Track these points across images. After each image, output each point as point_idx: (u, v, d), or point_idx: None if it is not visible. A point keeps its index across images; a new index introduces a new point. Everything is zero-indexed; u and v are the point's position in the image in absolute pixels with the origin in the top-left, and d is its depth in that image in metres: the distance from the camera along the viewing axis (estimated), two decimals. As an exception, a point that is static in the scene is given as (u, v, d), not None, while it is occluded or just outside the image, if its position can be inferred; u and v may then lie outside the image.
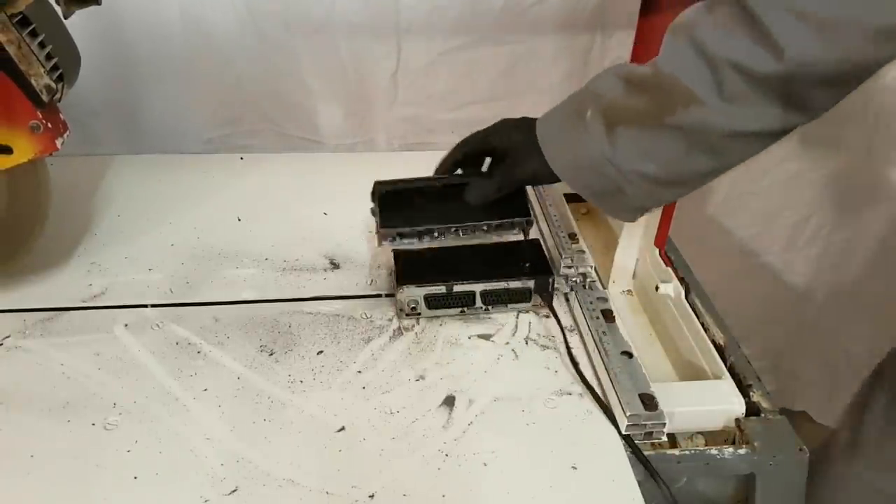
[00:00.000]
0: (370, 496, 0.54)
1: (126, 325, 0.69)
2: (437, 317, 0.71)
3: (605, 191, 0.61)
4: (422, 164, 0.73)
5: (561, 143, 0.63)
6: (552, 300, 0.72)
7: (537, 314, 0.72)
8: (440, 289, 0.70)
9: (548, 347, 0.68)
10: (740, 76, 0.50)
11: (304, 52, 0.99)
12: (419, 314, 0.71)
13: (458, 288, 0.70)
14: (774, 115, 0.52)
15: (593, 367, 0.66)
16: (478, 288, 0.70)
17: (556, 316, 0.70)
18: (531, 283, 0.71)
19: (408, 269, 0.71)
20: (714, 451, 0.60)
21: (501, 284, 0.71)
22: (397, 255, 0.72)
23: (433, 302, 0.70)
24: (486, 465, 0.57)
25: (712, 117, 0.53)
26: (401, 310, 0.70)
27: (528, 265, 0.72)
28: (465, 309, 0.71)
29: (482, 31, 1.00)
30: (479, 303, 0.71)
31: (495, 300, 0.71)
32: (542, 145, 0.64)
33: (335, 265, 0.79)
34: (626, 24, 0.98)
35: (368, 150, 1.09)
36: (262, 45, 0.97)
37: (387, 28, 0.98)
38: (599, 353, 0.65)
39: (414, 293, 0.70)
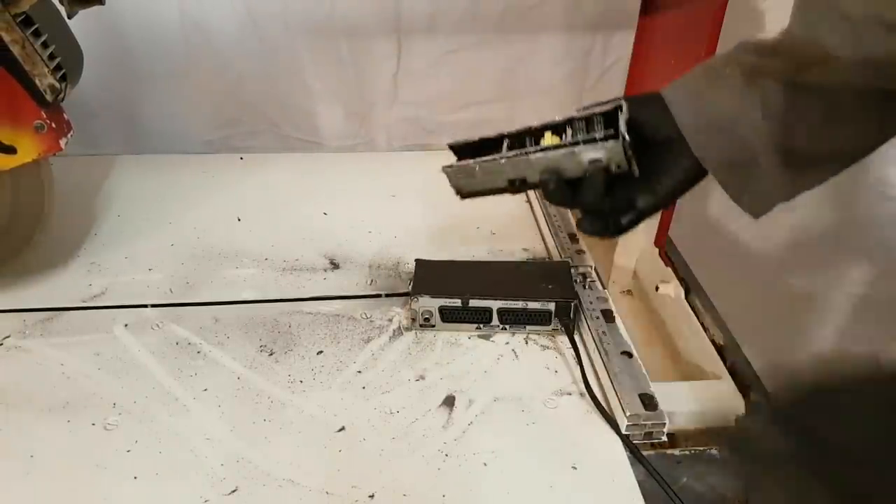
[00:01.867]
0: (370, 496, 0.54)
1: (126, 326, 0.69)
2: (453, 331, 0.69)
3: (736, 160, 0.55)
4: (422, 166, 0.73)
5: (690, 97, 0.56)
6: (573, 327, 0.69)
7: (553, 339, 0.69)
8: (455, 302, 0.68)
9: (548, 348, 0.68)
10: (880, 27, 0.47)
11: (305, 52, 0.99)
12: (433, 326, 0.69)
13: (474, 303, 0.68)
14: None
15: (593, 367, 0.66)
16: (495, 305, 0.68)
17: (574, 345, 0.67)
18: (552, 306, 0.68)
19: (424, 277, 0.70)
20: (714, 451, 0.60)
21: (520, 304, 0.68)
22: (418, 262, 0.71)
23: (448, 315, 0.69)
24: (486, 465, 0.57)
25: (851, 73, 0.50)
26: (413, 319, 0.69)
27: (550, 287, 0.69)
28: (482, 325, 0.69)
29: (483, 32, 1.00)
30: (495, 320, 0.69)
31: (513, 319, 0.69)
32: (669, 104, 0.57)
33: (335, 265, 0.79)
34: (627, 24, 0.98)
35: (369, 151, 1.09)
36: (262, 45, 0.97)
37: (387, 29, 0.98)
38: (599, 353, 0.65)
39: (428, 304, 0.68)
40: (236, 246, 0.81)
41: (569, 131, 0.58)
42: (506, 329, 0.69)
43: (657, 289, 0.76)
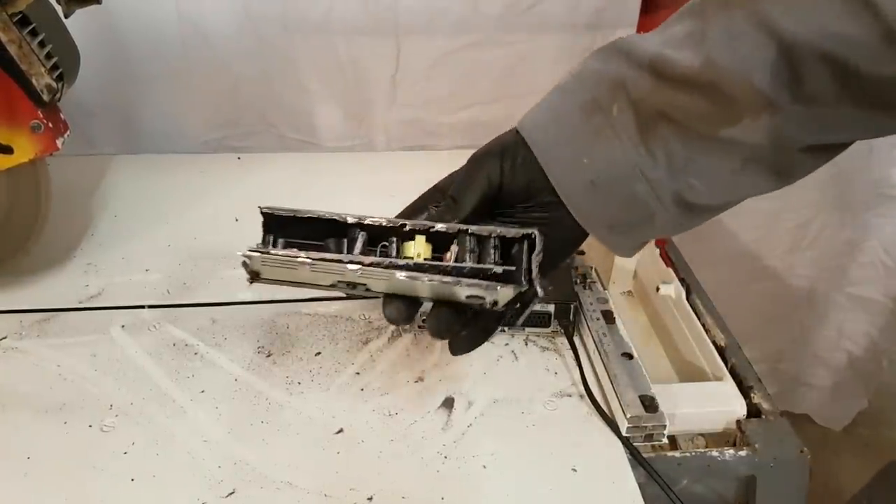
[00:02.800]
0: (368, 499, 0.53)
1: (123, 327, 0.68)
2: None
3: (628, 220, 0.48)
4: (421, 166, 0.72)
5: (571, 156, 0.48)
6: (573, 329, 0.68)
7: (552, 340, 0.69)
8: None
9: (547, 349, 0.68)
10: (828, 68, 0.38)
11: (303, 53, 0.99)
12: None
13: None
14: (867, 119, 0.41)
15: (593, 368, 0.66)
16: None
17: (574, 347, 0.66)
18: (551, 308, 0.68)
19: None
20: (715, 453, 0.60)
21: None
22: None
23: None
24: (485, 467, 0.56)
25: (789, 127, 0.42)
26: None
27: (550, 288, 0.67)
28: None
29: (482, 33, 1.00)
30: None
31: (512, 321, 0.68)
32: (545, 165, 0.49)
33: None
34: (627, 24, 0.98)
35: (367, 152, 1.09)
36: (259, 46, 0.97)
37: (386, 29, 0.98)
38: (599, 354, 0.65)
39: (427, 306, 0.67)
40: (234, 247, 0.80)
41: (452, 249, 0.48)
42: (505, 330, 0.69)
43: (658, 290, 0.75)
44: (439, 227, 0.48)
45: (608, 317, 0.69)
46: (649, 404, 0.59)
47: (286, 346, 0.67)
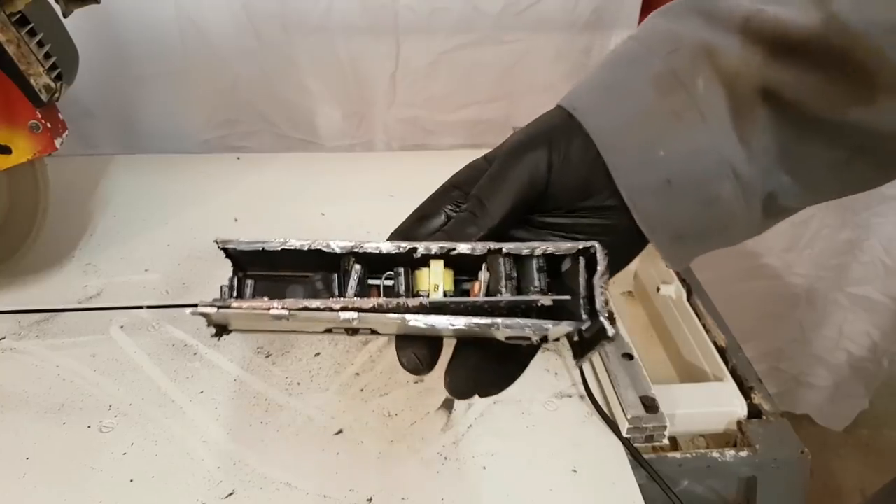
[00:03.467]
0: (368, 500, 0.53)
1: (122, 327, 0.68)
2: None
3: (700, 229, 0.39)
4: (421, 166, 0.72)
5: (642, 138, 0.37)
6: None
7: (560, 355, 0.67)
8: None
9: (548, 349, 0.68)
10: None
11: (302, 52, 0.99)
12: None
13: None
14: None
15: (594, 369, 0.65)
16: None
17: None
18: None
19: None
20: (715, 454, 0.60)
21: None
22: None
23: None
24: (485, 468, 0.56)
25: None
26: None
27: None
28: None
29: (481, 32, 1.00)
30: None
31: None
32: (605, 153, 0.38)
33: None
34: (627, 24, 0.98)
35: (367, 151, 1.09)
36: (259, 45, 0.97)
37: (385, 28, 0.98)
38: (600, 355, 0.64)
39: None
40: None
41: (482, 278, 0.37)
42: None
43: (658, 290, 0.75)
44: (462, 248, 0.36)
45: (608, 317, 0.69)
46: (650, 405, 0.59)
47: (285, 346, 0.67)
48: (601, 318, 0.36)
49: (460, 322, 0.35)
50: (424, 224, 0.42)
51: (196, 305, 0.38)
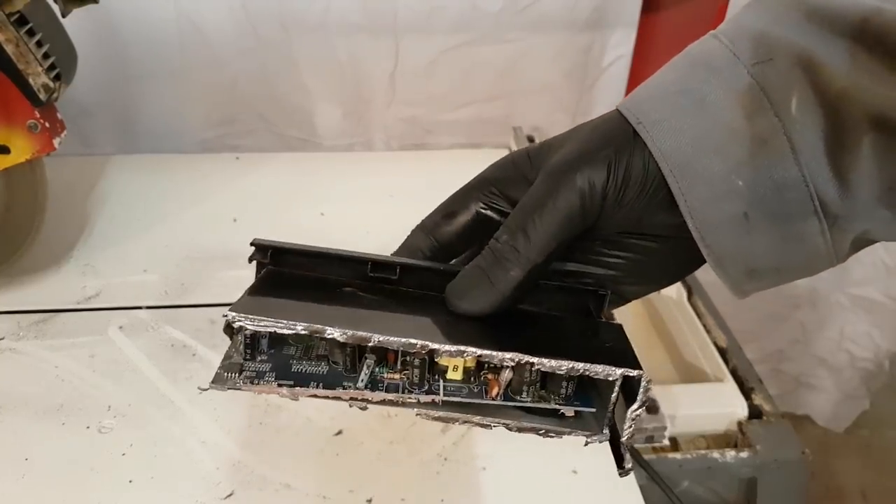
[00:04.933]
0: (368, 500, 0.53)
1: (121, 328, 0.68)
2: None
3: (776, 266, 0.34)
4: (420, 165, 0.72)
5: (719, 165, 0.31)
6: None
7: None
8: None
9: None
10: None
11: (301, 51, 0.99)
12: None
13: None
14: None
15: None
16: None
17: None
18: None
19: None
20: (716, 455, 0.60)
21: None
22: None
23: None
24: (484, 469, 0.56)
25: None
26: None
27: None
28: None
29: (481, 31, 0.99)
30: None
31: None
32: (668, 168, 0.32)
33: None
34: (627, 23, 0.98)
35: (366, 150, 1.09)
36: (258, 44, 0.97)
37: (385, 27, 0.98)
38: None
39: None
40: (232, 247, 0.80)
41: (504, 376, 0.34)
42: None
43: (658, 290, 0.75)
44: (493, 357, 0.32)
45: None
46: (650, 406, 0.59)
47: (285, 346, 0.67)
48: (622, 451, 0.34)
49: (474, 420, 0.34)
50: (451, 221, 0.38)
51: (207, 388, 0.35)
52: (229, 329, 0.33)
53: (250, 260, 0.39)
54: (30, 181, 0.70)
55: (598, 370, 0.32)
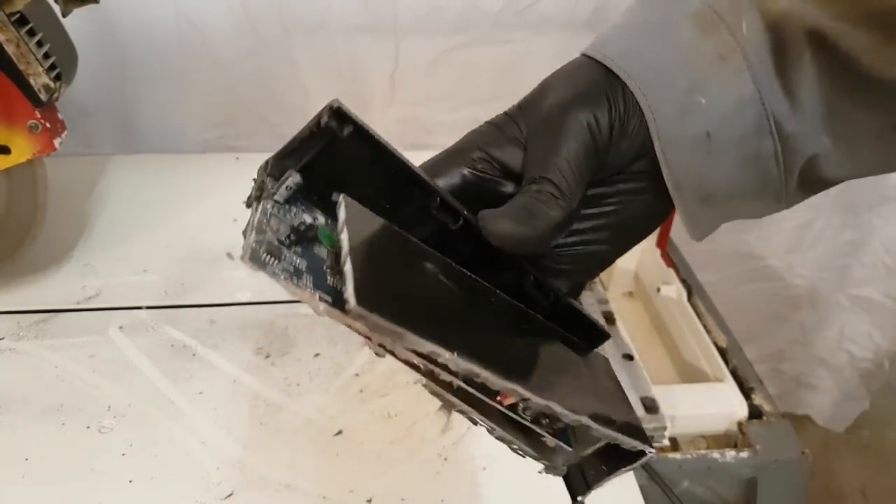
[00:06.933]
0: (368, 501, 0.53)
1: (121, 328, 0.68)
2: None
3: (730, 191, 0.35)
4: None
5: (682, 83, 0.33)
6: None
7: None
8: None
9: (548, 350, 0.67)
10: None
11: (301, 52, 0.98)
12: None
13: None
14: None
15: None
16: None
17: None
18: None
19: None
20: (716, 455, 0.60)
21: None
22: None
23: None
24: (485, 469, 0.56)
25: None
26: None
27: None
28: None
29: (481, 31, 0.99)
30: None
31: None
32: (639, 91, 0.33)
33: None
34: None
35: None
36: (257, 45, 0.97)
37: (385, 27, 0.98)
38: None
39: None
40: (232, 247, 0.80)
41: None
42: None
43: (659, 290, 0.75)
44: (530, 399, 0.29)
45: (609, 318, 0.69)
46: (650, 406, 0.59)
47: (285, 347, 0.67)
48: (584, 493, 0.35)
49: (474, 413, 0.34)
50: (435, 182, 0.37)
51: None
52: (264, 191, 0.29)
53: (316, 126, 0.33)
54: (30, 181, 0.71)
55: (611, 437, 0.32)
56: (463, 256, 0.34)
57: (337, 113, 0.32)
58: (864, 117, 0.33)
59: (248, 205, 0.31)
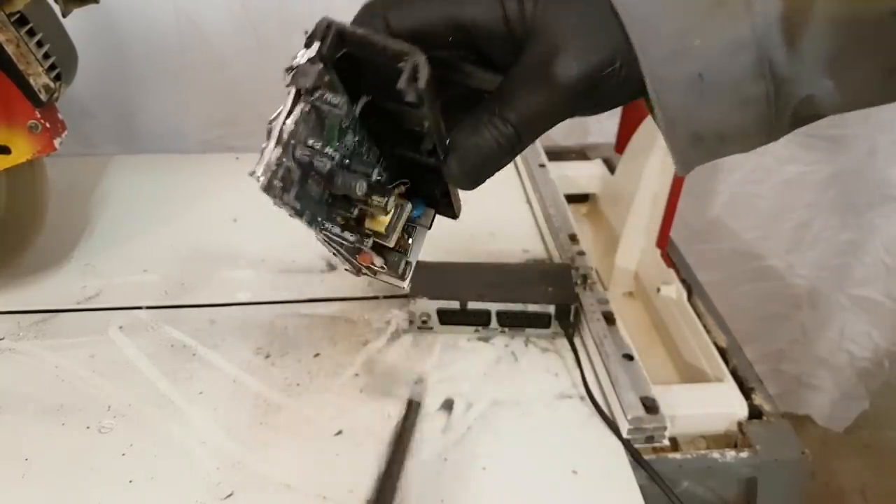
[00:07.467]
0: (368, 501, 0.53)
1: (121, 328, 0.68)
2: (451, 334, 0.68)
3: (722, 131, 0.35)
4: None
5: (679, 23, 0.33)
6: (573, 330, 0.68)
7: (552, 342, 0.68)
8: (454, 304, 0.66)
9: (548, 350, 0.67)
10: None
11: (301, 51, 0.98)
12: (431, 328, 0.68)
13: (472, 305, 0.66)
14: None
15: (594, 370, 0.65)
16: (494, 307, 0.67)
17: (574, 348, 0.66)
18: (551, 309, 0.67)
19: (422, 279, 0.65)
20: (716, 455, 0.60)
21: (519, 306, 0.67)
22: (416, 264, 0.69)
23: (446, 317, 0.67)
24: (485, 469, 0.56)
25: None
26: (411, 321, 0.68)
27: (550, 289, 0.67)
28: (480, 328, 0.68)
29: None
30: (494, 323, 0.67)
31: (512, 322, 0.67)
32: (630, 25, 0.33)
33: (332, 267, 0.78)
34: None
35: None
36: (258, 44, 0.97)
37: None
38: (600, 355, 0.64)
39: (426, 306, 0.67)
40: (232, 247, 0.80)
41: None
42: (505, 332, 0.68)
43: (659, 290, 0.75)
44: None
45: (609, 318, 0.69)
46: (650, 406, 0.59)
47: (285, 347, 0.67)
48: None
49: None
50: (416, 29, 0.38)
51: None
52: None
53: (310, 44, 0.34)
54: (31, 181, 0.71)
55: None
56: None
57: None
58: (870, 60, 0.32)
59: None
